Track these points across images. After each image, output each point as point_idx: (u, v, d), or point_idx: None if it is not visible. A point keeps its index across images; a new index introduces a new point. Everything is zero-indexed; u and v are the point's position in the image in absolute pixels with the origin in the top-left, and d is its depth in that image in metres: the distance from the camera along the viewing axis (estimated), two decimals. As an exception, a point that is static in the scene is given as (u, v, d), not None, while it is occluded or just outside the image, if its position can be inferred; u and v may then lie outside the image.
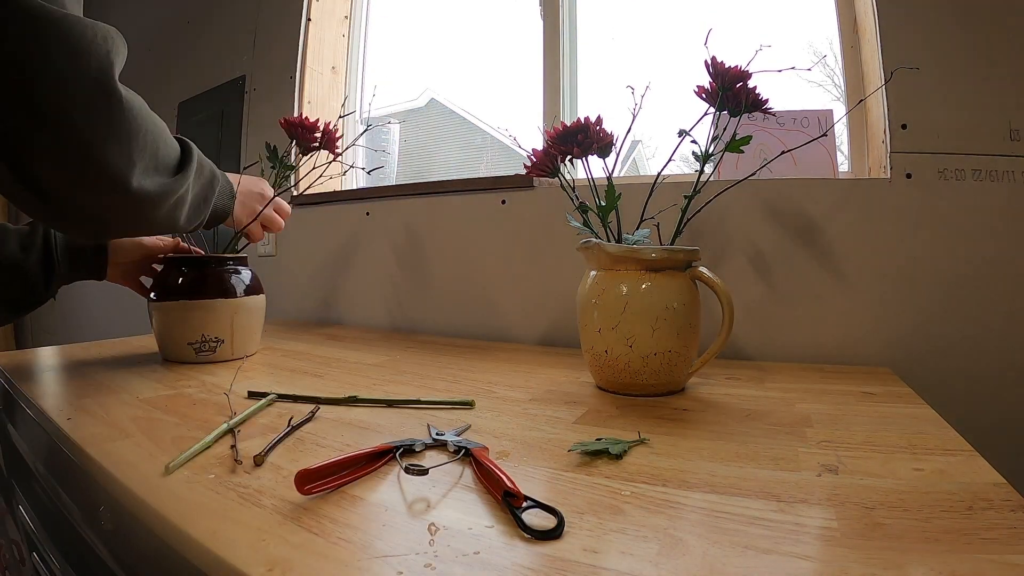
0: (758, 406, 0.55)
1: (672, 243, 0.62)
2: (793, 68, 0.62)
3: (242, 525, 0.30)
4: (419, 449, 0.41)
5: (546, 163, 0.65)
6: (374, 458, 0.38)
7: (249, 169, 1.25)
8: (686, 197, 0.61)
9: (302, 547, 0.28)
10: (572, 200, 0.67)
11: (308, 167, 1.40)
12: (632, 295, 0.57)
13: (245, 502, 0.33)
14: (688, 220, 0.62)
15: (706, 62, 0.58)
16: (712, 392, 0.61)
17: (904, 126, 0.77)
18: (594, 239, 0.61)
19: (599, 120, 0.61)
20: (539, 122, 1.18)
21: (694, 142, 0.60)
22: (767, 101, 0.59)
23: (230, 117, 1.55)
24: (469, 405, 0.55)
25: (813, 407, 0.54)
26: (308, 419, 0.50)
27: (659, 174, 0.63)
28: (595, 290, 0.59)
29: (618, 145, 0.63)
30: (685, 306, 0.57)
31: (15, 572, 0.72)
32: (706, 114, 0.61)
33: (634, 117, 0.62)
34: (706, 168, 0.61)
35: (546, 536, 0.29)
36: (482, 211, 1.06)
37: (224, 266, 0.79)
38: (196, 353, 0.75)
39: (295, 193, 1.36)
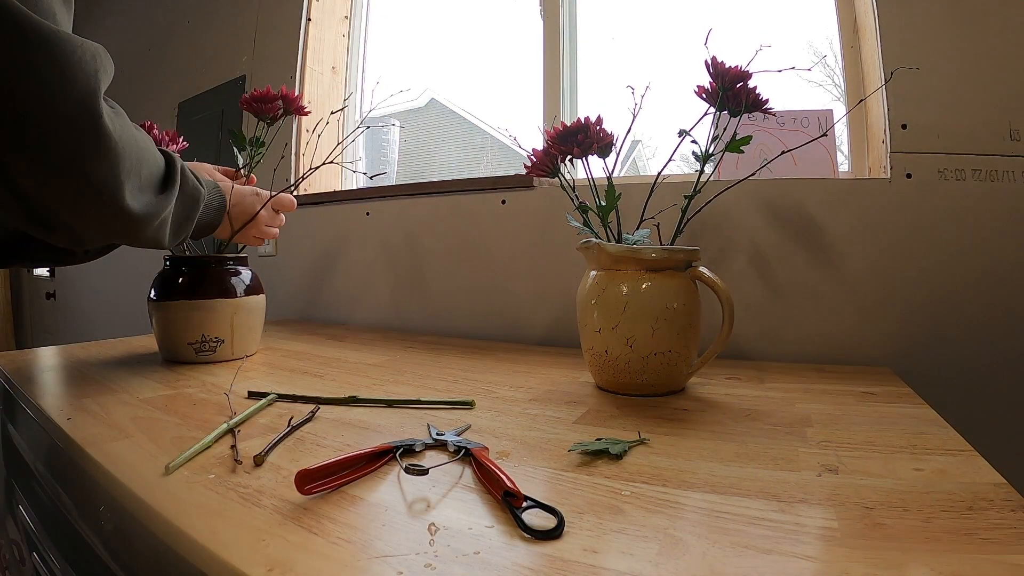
0: (758, 406, 0.55)
1: (672, 243, 0.62)
2: (793, 68, 0.62)
3: (242, 525, 0.30)
4: (419, 449, 0.42)
5: (546, 163, 0.65)
6: (374, 458, 0.38)
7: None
8: (686, 197, 0.61)
9: (302, 547, 0.28)
10: (572, 200, 0.67)
11: (308, 165, 1.40)
12: (632, 295, 0.57)
13: (245, 502, 0.33)
14: (688, 220, 0.62)
15: (706, 62, 0.58)
16: (712, 392, 0.61)
17: (904, 126, 0.77)
18: (594, 239, 0.61)
19: (599, 120, 0.61)
20: (539, 122, 1.18)
21: (694, 142, 0.60)
22: (767, 101, 0.59)
23: (230, 117, 1.55)
24: (469, 405, 0.55)
25: (813, 407, 0.54)
26: (308, 419, 0.50)
27: (659, 174, 0.63)
28: (595, 290, 0.59)
29: (618, 145, 0.63)
30: (685, 306, 0.57)
31: (15, 572, 0.72)
32: (706, 114, 0.61)
33: (634, 117, 0.62)
34: (706, 168, 0.61)
35: (546, 536, 0.29)
36: (482, 211, 1.06)
37: (224, 266, 0.79)
38: (196, 353, 0.75)
39: (295, 193, 1.36)
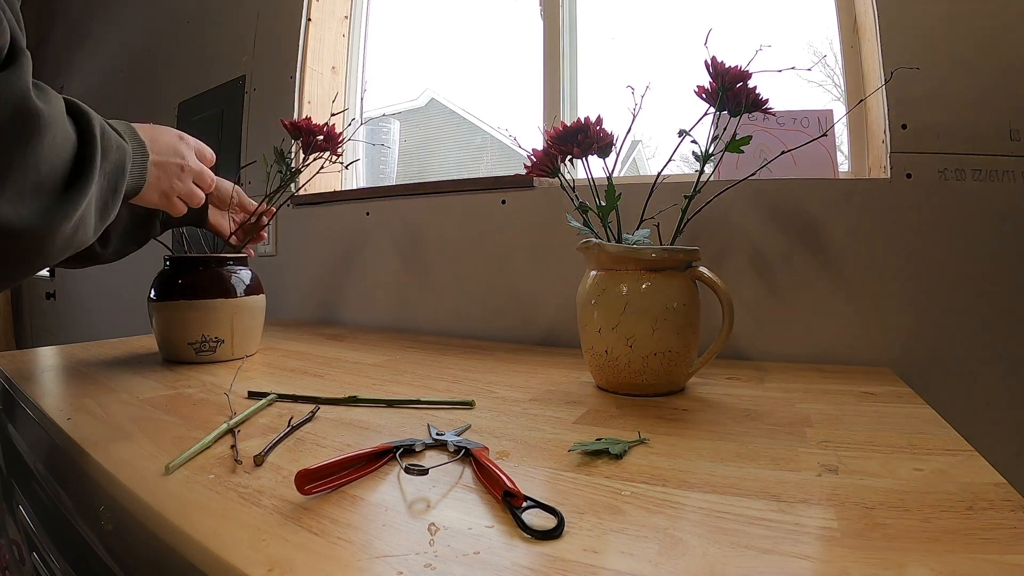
0: (758, 406, 0.55)
1: (672, 243, 0.62)
2: (793, 68, 0.62)
3: (242, 525, 0.30)
4: (419, 449, 0.42)
5: (546, 163, 0.65)
6: (374, 458, 0.38)
7: (248, 169, 1.24)
8: (686, 197, 0.61)
9: (302, 547, 0.28)
10: (572, 200, 0.67)
11: (308, 170, 1.40)
12: (632, 295, 0.57)
13: (245, 502, 0.33)
14: (688, 220, 0.62)
15: (706, 62, 0.58)
16: (712, 392, 0.61)
17: (904, 126, 0.77)
18: (594, 239, 0.61)
19: (599, 120, 0.61)
20: (539, 122, 1.18)
21: (694, 142, 0.60)
22: (767, 101, 0.59)
23: (230, 117, 1.55)
24: (469, 405, 0.55)
25: (813, 407, 0.54)
26: (308, 419, 0.50)
27: (659, 174, 0.63)
28: (595, 290, 0.59)
29: (618, 145, 0.63)
30: (685, 306, 0.57)
31: (15, 572, 0.72)
32: (706, 114, 0.61)
33: (634, 117, 0.62)
34: (706, 168, 0.61)
35: (546, 536, 0.29)
36: (482, 211, 1.06)
37: (224, 266, 0.79)
38: (196, 353, 0.75)
39: (294, 193, 1.36)
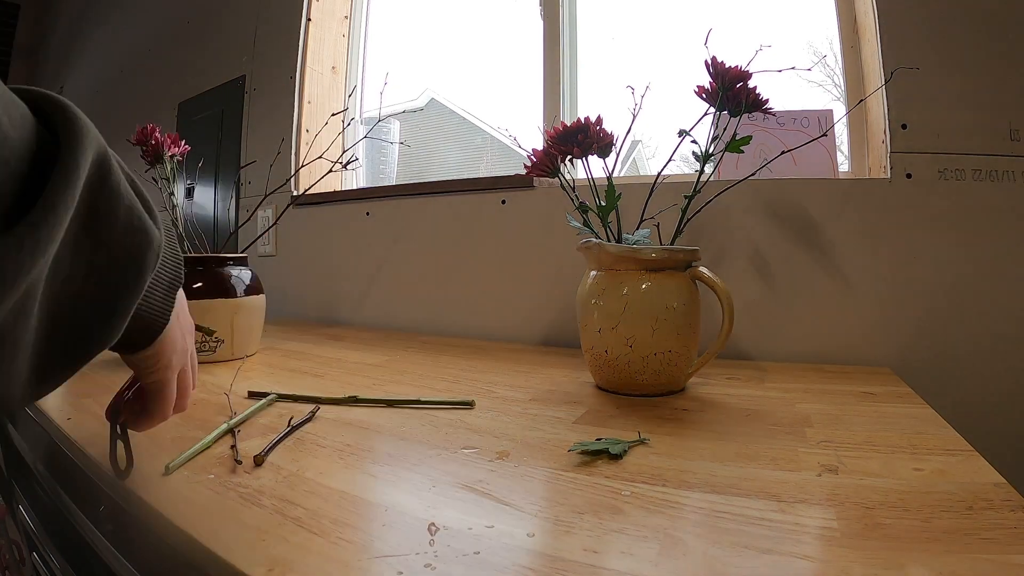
0: (758, 406, 0.55)
1: (672, 243, 0.62)
2: (793, 68, 0.62)
3: (242, 525, 0.30)
4: None
5: (546, 163, 0.65)
6: None
7: (248, 168, 1.24)
8: (686, 197, 0.61)
9: (302, 547, 0.28)
10: (572, 200, 0.67)
11: (308, 170, 1.39)
12: (632, 295, 0.57)
13: (245, 502, 0.33)
14: (688, 220, 0.62)
15: (706, 62, 0.58)
16: (712, 392, 0.61)
17: (904, 126, 0.77)
18: (594, 239, 0.61)
19: (599, 120, 0.61)
20: (539, 122, 1.18)
21: (694, 142, 0.60)
22: (767, 101, 0.59)
23: (230, 117, 1.55)
24: (469, 405, 0.55)
25: (813, 407, 0.54)
26: (308, 419, 0.50)
27: (659, 174, 0.63)
28: (595, 290, 0.59)
29: (618, 145, 0.63)
30: (685, 306, 0.57)
31: (15, 572, 0.72)
32: (706, 114, 0.61)
33: (634, 117, 0.62)
34: (706, 168, 0.61)
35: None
36: (482, 211, 1.06)
37: (224, 266, 0.79)
38: (196, 353, 0.75)
39: (295, 194, 1.36)
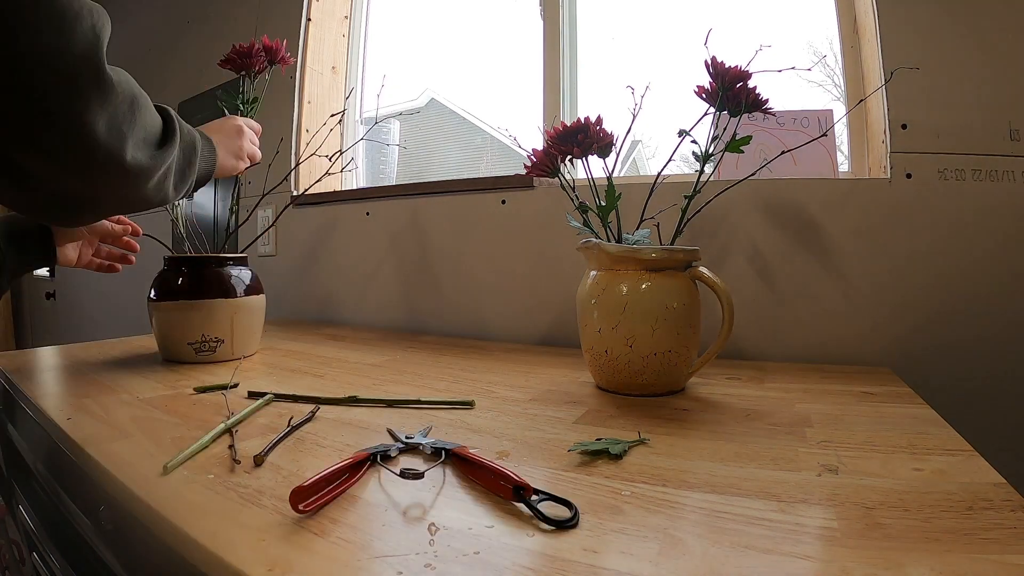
0: (758, 406, 0.55)
1: (672, 243, 0.62)
2: (793, 68, 0.62)
3: (242, 525, 0.30)
4: (394, 454, 0.41)
5: (546, 163, 0.65)
6: (356, 467, 0.37)
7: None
8: (686, 197, 0.61)
9: (302, 547, 0.28)
10: (572, 200, 0.67)
11: (308, 170, 1.39)
12: (632, 295, 0.57)
13: (245, 502, 0.33)
14: (688, 220, 0.62)
15: (706, 62, 0.58)
16: (712, 392, 0.61)
17: (904, 126, 0.77)
18: (594, 239, 0.61)
19: (599, 120, 0.61)
20: (539, 122, 1.18)
21: (694, 142, 0.60)
22: (767, 101, 0.59)
23: (230, 117, 1.54)
24: (469, 405, 0.55)
25: (813, 407, 0.54)
26: (308, 419, 0.50)
27: (659, 174, 0.63)
28: (595, 290, 0.59)
29: (618, 145, 0.63)
30: (685, 306, 0.57)
31: (15, 572, 0.72)
32: (706, 114, 0.61)
33: (634, 117, 0.62)
34: (706, 168, 0.61)
35: (565, 525, 0.30)
36: (482, 211, 1.06)
37: (224, 266, 0.79)
38: (196, 353, 0.75)
39: (295, 193, 1.36)
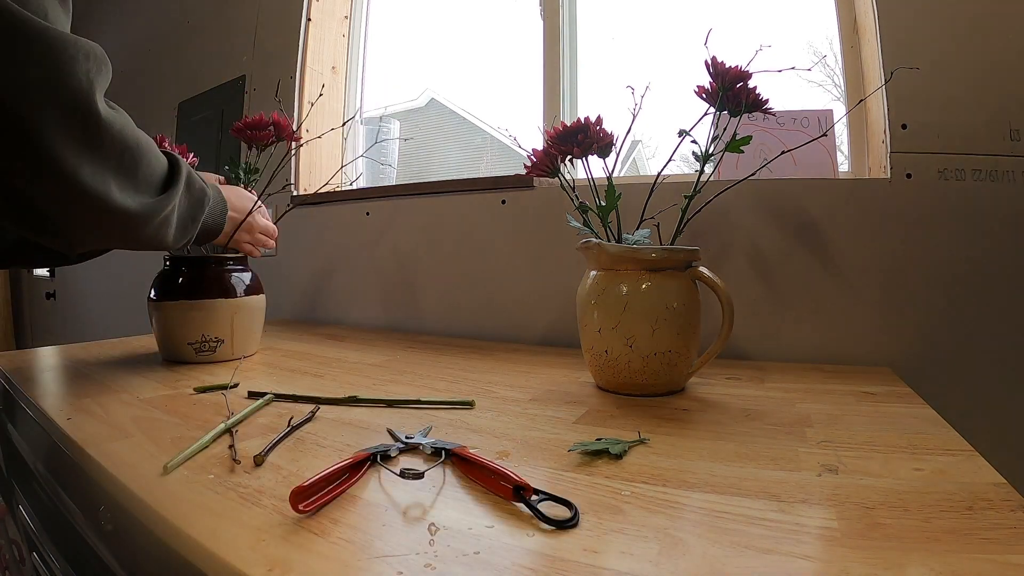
0: (758, 406, 0.55)
1: (672, 243, 0.62)
2: (793, 68, 0.62)
3: (242, 525, 0.30)
4: (394, 454, 0.41)
5: (546, 163, 0.65)
6: (356, 467, 0.37)
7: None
8: (686, 197, 0.61)
9: (302, 547, 0.28)
10: (572, 200, 0.67)
11: (310, 170, 1.39)
12: (632, 295, 0.57)
13: (245, 502, 0.33)
14: (688, 220, 0.62)
15: (706, 62, 0.58)
16: (712, 392, 0.61)
17: (904, 126, 0.77)
18: (594, 239, 0.61)
19: (599, 120, 0.61)
20: (539, 122, 1.18)
21: (694, 142, 0.60)
22: (767, 101, 0.59)
23: (230, 117, 1.54)
24: (469, 405, 0.55)
25: (813, 407, 0.54)
26: (308, 419, 0.50)
27: (659, 174, 0.63)
28: (595, 290, 0.59)
29: (618, 145, 0.63)
30: (685, 306, 0.57)
31: (15, 572, 0.72)
32: (706, 114, 0.61)
33: (634, 117, 0.62)
34: (706, 168, 0.61)
35: (564, 525, 0.30)
36: (482, 211, 1.06)
37: (224, 266, 0.79)
38: (196, 353, 0.75)
39: (294, 194, 1.36)
